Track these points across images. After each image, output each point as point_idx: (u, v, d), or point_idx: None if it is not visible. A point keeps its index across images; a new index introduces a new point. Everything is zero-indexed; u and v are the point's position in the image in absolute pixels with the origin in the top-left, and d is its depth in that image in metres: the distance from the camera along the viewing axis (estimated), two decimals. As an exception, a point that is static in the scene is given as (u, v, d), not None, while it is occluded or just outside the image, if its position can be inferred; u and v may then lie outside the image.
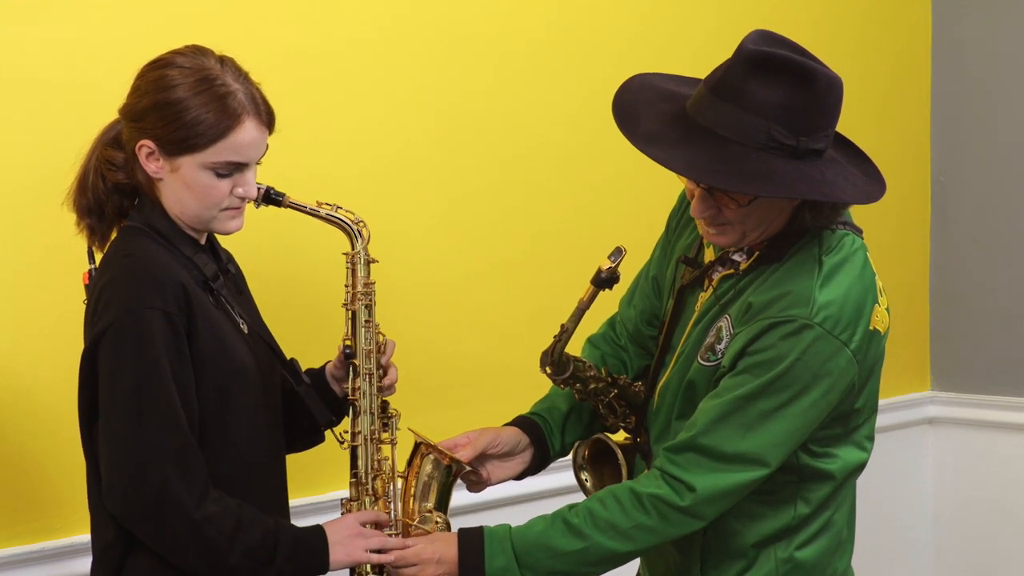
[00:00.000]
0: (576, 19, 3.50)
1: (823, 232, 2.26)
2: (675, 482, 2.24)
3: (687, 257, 2.40)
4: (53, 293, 2.66)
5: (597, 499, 2.28)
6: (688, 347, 2.35)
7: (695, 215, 2.26)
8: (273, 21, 2.98)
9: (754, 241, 2.27)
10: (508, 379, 3.41)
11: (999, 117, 4.17)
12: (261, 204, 2.35)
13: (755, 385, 2.20)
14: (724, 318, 2.29)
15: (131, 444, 2.12)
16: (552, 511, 2.32)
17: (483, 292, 3.38)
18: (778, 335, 2.19)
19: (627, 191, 3.62)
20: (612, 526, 2.24)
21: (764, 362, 2.20)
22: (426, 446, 2.45)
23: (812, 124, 2.16)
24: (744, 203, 2.19)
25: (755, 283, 2.28)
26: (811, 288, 2.20)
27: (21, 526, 2.70)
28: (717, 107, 2.17)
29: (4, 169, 2.67)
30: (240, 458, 2.26)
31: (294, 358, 2.45)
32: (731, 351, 2.25)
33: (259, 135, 2.23)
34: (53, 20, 2.71)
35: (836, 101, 2.21)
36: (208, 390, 2.20)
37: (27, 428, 2.70)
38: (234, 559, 2.15)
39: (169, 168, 2.21)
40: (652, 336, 2.54)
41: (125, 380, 2.13)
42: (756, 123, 2.13)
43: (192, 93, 2.18)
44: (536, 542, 2.25)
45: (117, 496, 2.13)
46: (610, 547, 2.24)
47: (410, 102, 3.22)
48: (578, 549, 2.23)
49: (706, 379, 2.29)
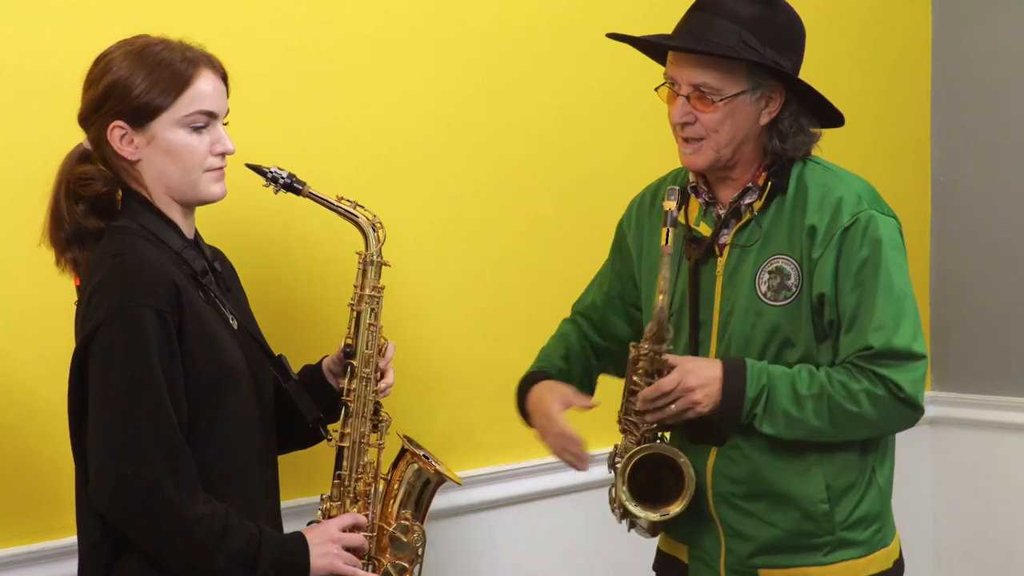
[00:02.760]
0: (576, 18, 3.50)
1: (807, 159, 2.55)
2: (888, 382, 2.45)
3: (694, 235, 2.56)
4: (52, 293, 2.65)
5: (826, 369, 2.48)
6: (739, 304, 2.51)
7: (675, 120, 2.49)
8: (273, 21, 2.98)
9: (727, 159, 2.49)
10: (508, 379, 3.41)
11: (999, 117, 4.16)
12: (280, 191, 2.35)
13: (877, 283, 2.44)
14: (775, 258, 2.49)
15: (122, 442, 2.11)
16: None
17: (483, 292, 3.37)
18: (857, 236, 2.45)
19: (626, 191, 3.61)
20: (844, 383, 2.45)
21: (866, 262, 2.45)
22: (411, 454, 2.46)
23: (777, 40, 2.46)
24: (725, 97, 2.44)
25: (779, 216, 2.51)
26: (852, 187, 2.49)
27: (21, 526, 2.69)
28: (697, 17, 2.49)
29: (4, 169, 2.67)
30: (231, 457, 2.25)
31: (282, 354, 2.44)
32: (823, 274, 2.45)
33: (218, 85, 2.28)
34: (53, 20, 2.71)
35: (798, 32, 2.52)
36: (199, 388, 2.20)
37: (27, 428, 2.69)
38: (220, 562, 2.15)
39: (145, 141, 2.24)
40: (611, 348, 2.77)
41: (116, 378, 2.12)
42: (729, 27, 2.43)
43: (139, 64, 2.25)
44: (786, 376, 2.46)
45: (107, 493, 2.12)
46: (837, 401, 2.44)
47: (410, 102, 3.21)
48: (812, 394, 2.44)
49: (789, 316, 2.48)
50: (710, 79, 2.45)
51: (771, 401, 2.45)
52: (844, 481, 2.53)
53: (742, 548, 2.57)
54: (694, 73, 2.46)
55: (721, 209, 2.57)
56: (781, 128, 2.51)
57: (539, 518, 3.48)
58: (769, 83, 2.48)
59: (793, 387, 2.46)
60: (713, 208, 2.58)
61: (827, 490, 2.52)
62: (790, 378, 2.46)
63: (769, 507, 2.54)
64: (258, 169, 2.35)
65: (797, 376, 2.47)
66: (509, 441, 3.40)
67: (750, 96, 2.47)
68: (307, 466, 2.60)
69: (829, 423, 2.46)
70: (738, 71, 2.45)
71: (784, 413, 2.45)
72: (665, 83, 2.54)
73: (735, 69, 2.45)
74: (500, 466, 3.39)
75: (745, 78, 2.45)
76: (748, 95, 2.46)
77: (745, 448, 2.53)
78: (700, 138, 2.49)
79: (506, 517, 3.43)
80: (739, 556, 2.57)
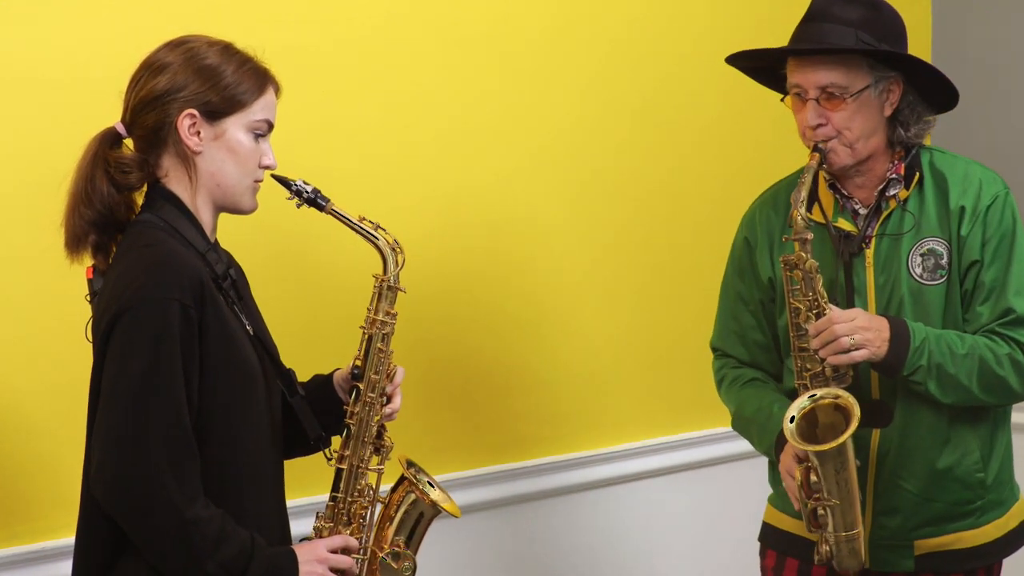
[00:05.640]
0: (578, 16, 3.51)
1: (928, 147, 2.72)
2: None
3: (842, 233, 2.67)
4: (53, 293, 2.65)
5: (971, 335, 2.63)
6: (898, 289, 2.63)
7: (810, 123, 2.61)
8: (272, 20, 2.98)
9: (861, 155, 2.63)
10: (508, 379, 3.41)
11: (999, 117, 4.17)
12: (303, 205, 2.35)
13: (1013, 255, 2.63)
14: (925, 241, 2.64)
15: (130, 429, 2.09)
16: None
17: (483, 292, 3.38)
18: (998, 212, 2.64)
19: (627, 191, 3.62)
20: (991, 348, 2.60)
21: (1006, 234, 2.63)
22: (410, 482, 2.45)
23: (888, 35, 2.62)
24: (853, 93, 2.57)
25: (922, 201, 2.65)
26: (983, 169, 2.70)
27: (21, 526, 2.69)
28: (812, 27, 2.64)
29: (3, 169, 2.67)
30: (245, 455, 2.24)
31: (291, 369, 2.43)
32: (971, 248, 2.62)
33: (276, 99, 2.32)
34: (53, 20, 2.71)
35: (903, 26, 2.68)
36: (217, 387, 2.18)
37: (27, 428, 2.69)
38: (211, 567, 2.13)
39: (212, 135, 2.23)
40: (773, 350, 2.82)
41: (134, 366, 2.10)
42: (846, 30, 2.59)
43: (225, 58, 2.25)
44: (941, 335, 2.59)
45: (106, 479, 2.10)
46: (987, 363, 2.58)
47: (410, 102, 3.21)
48: (965, 353, 2.58)
49: (947, 293, 2.64)
50: (837, 78, 2.58)
51: (931, 354, 2.57)
52: (989, 447, 2.69)
53: (897, 523, 2.67)
54: (820, 75, 2.59)
55: (856, 204, 2.69)
56: (902, 118, 2.66)
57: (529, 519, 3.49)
58: (889, 75, 2.62)
59: (948, 345, 2.58)
60: (849, 203, 2.69)
61: (981, 459, 2.67)
62: (945, 337, 2.59)
63: (930, 484, 2.65)
64: (284, 181, 2.33)
65: (949, 337, 2.60)
66: (509, 441, 3.41)
67: (874, 90, 2.61)
68: (308, 466, 2.59)
69: (978, 384, 2.59)
70: (860, 67, 2.59)
71: (939, 368, 2.57)
72: (789, 94, 2.67)
73: (857, 66, 2.59)
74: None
75: (867, 73, 2.60)
76: (872, 89, 2.61)
77: (908, 428, 2.64)
78: (831, 138, 2.61)
79: (508, 517, 3.43)
80: (891, 531, 2.67)
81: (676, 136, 3.69)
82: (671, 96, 3.63)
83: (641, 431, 3.65)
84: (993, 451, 2.70)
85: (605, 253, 3.59)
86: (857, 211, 2.69)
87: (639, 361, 3.64)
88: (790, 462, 2.57)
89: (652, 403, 3.66)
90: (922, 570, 2.68)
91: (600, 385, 3.57)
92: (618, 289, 3.62)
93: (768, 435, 2.68)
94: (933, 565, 2.68)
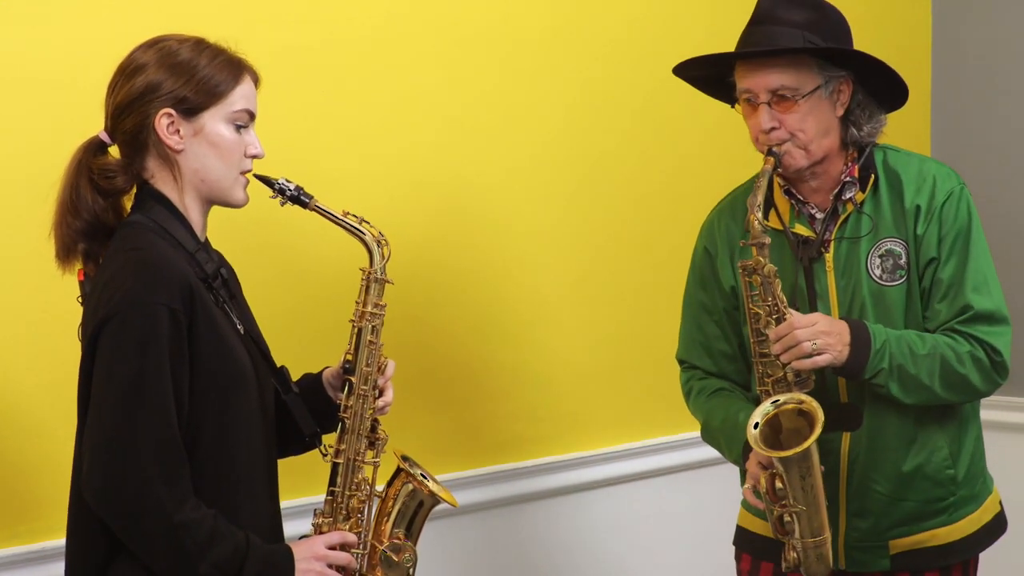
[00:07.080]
0: (575, 17, 3.51)
1: (881, 146, 2.72)
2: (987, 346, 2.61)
3: (800, 238, 2.66)
4: (51, 293, 2.64)
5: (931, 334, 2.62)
6: (859, 292, 2.63)
7: (763, 127, 2.59)
8: (272, 20, 2.98)
9: (816, 156, 2.62)
10: (503, 380, 3.41)
11: (999, 117, 4.16)
12: (287, 203, 2.35)
13: (969, 251, 2.62)
14: (883, 242, 2.63)
15: (118, 435, 2.09)
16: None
17: (479, 292, 3.38)
18: (953, 208, 2.63)
19: (626, 192, 3.62)
20: (951, 346, 2.59)
21: (962, 230, 2.62)
22: (406, 474, 2.45)
23: (834, 36, 2.61)
24: (804, 94, 2.56)
25: (878, 202, 2.65)
26: (937, 165, 2.69)
27: (21, 526, 2.70)
28: (758, 30, 2.62)
29: (3, 169, 2.67)
30: (237, 457, 2.24)
31: (284, 366, 2.43)
32: (928, 246, 2.61)
33: (254, 89, 2.31)
34: (53, 20, 2.71)
35: (847, 27, 2.66)
36: (208, 388, 2.18)
37: (26, 428, 2.69)
38: (204, 569, 2.13)
39: (192, 132, 2.23)
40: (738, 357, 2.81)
41: (123, 370, 2.11)
42: (793, 32, 2.59)
43: (197, 52, 2.25)
44: (901, 336, 2.59)
45: (95, 485, 2.10)
46: (948, 362, 2.57)
47: (410, 102, 3.21)
48: (926, 353, 2.57)
49: (907, 293, 2.63)
50: (787, 80, 2.58)
51: (892, 356, 2.56)
52: (958, 443, 2.69)
53: (870, 524, 2.67)
54: (771, 77, 2.58)
55: (812, 209, 2.68)
56: (854, 118, 2.66)
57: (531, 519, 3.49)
58: (839, 75, 2.62)
59: (909, 346, 2.58)
60: (805, 208, 2.68)
61: (950, 456, 2.67)
62: (905, 338, 2.59)
63: (900, 484, 2.66)
64: (266, 180, 2.34)
65: (910, 337, 2.59)
66: (504, 441, 3.41)
67: (824, 90, 2.60)
68: (305, 467, 2.59)
69: (940, 384, 2.59)
70: (810, 68, 2.59)
71: (900, 369, 2.56)
72: (739, 100, 2.65)
73: (807, 67, 2.59)
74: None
75: (817, 74, 2.59)
76: (823, 89, 2.60)
77: (876, 430, 2.64)
78: (785, 141, 2.61)
79: (509, 516, 3.43)
80: (865, 532, 2.68)
81: (673, 137, 3.70)
82: (668, 98, 3.62)
83: (637, 432, 3.65)
84: (962, 447, 2.70)
85: (603, 252, 3.59)
86: (814, 216, 2.68)
87: (635, 362, 3.64)
88: (756, 469, 2.55)
89: (648, 404, 3.66)
90: (898, 569, 2.69)
91: (596, 386, 3.58)
92: (615, 289, 3.62)
93: (736, 444, 2.66)
94: (909, 563, 2.69)
